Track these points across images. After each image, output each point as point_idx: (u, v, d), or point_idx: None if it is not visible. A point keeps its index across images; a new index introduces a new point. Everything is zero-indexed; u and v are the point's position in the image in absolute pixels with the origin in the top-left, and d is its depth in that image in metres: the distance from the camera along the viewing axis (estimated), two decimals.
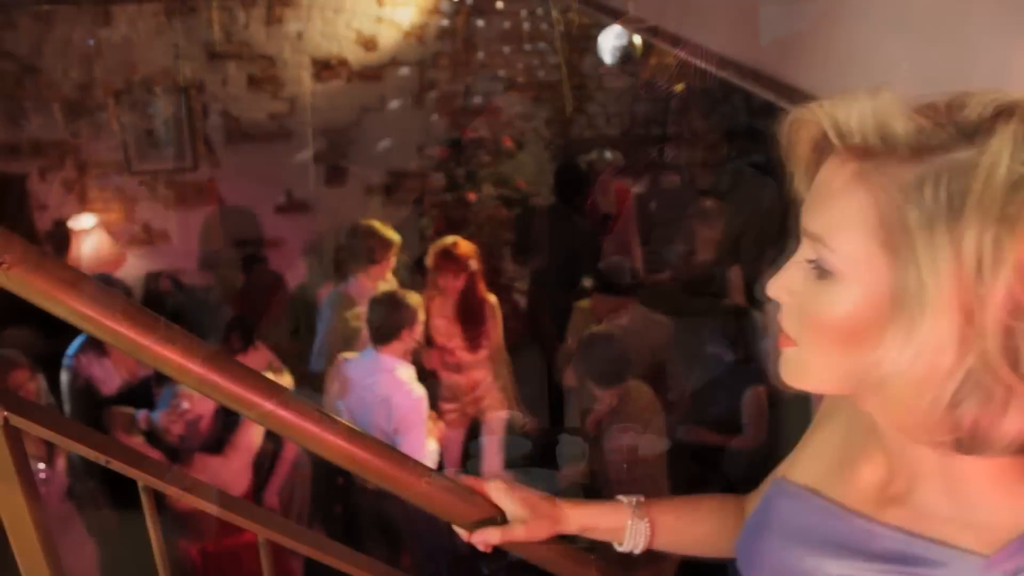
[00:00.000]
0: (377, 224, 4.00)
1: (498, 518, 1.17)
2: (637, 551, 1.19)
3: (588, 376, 3.25)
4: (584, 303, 4.11)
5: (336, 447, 1.11)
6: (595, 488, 3.35)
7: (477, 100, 6.14)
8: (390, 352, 3.31)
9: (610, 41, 5.42)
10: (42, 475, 2.83)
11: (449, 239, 3.99)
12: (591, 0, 3.86)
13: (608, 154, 5.64)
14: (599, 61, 5.69)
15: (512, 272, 5.96)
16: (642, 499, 1.19)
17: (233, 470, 3.15)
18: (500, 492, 1.18)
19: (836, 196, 0.74)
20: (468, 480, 1.19)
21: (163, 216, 5.77)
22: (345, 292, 4.03)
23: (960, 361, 0.67)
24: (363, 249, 3.96)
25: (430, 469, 1.19)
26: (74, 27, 5.07)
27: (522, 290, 5.66)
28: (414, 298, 3.38)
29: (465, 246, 3.90)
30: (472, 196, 5.92)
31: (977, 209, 0.64)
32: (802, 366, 0.81)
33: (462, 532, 1.20)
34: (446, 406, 3.99)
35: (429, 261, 3.97)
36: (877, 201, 0.70)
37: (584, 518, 1.19)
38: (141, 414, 3.15)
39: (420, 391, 3.28)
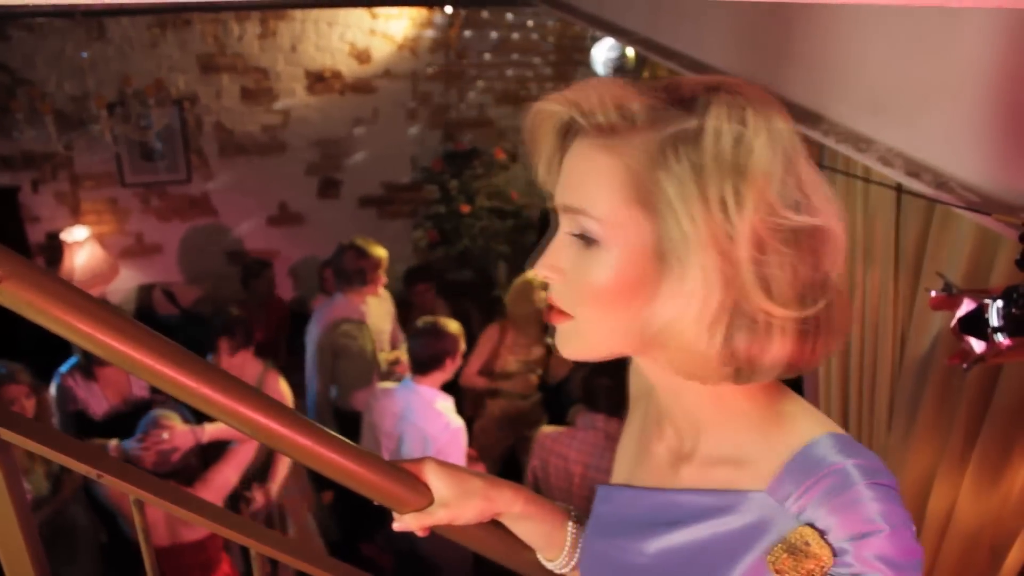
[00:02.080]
0: (364, 242, 3.99)
1: (433, 502, 1.11)
2: (568, 567, 1.15)
3: (581, 396, 3.20)
4: (532, 273, 4.08)
5: (328, 460, 1.10)
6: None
7: (470, 112, 6.16)
8: (429, 383, 3.28)
9: (603, 53, 5.46)
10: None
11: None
12: (583, 12, 3.86)
13: None
14: (592, 73, 5.72)
15: (506, 285, 5.96)
16: (578, 510, 1.17)
17: None
18: (431, 472, 1.12)
19: (590, 169, 0.81)
20: (406, 464, 1.13)
21: (156, 228, 5.76)
22: (333, 308, 4.01)
23: (726, 298, 0.76)
24: (354, 271, 3.95)
25: (368, 452, 1.13)
26: (67, 39, 5.06)
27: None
28: (454, 326, 3.35)
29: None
30: (465, 208, 5.92)
31: (714, 164, 0.75)
32: (583, 337, 0.86)
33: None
34: None
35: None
36: (628, 167, 0.79)
37: (526, 503, 1.13)
38: (112, 443, 3.11)
39: (458, 423, 3.23)
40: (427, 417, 3.23)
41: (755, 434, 0.87)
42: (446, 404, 3.28)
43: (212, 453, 3.23)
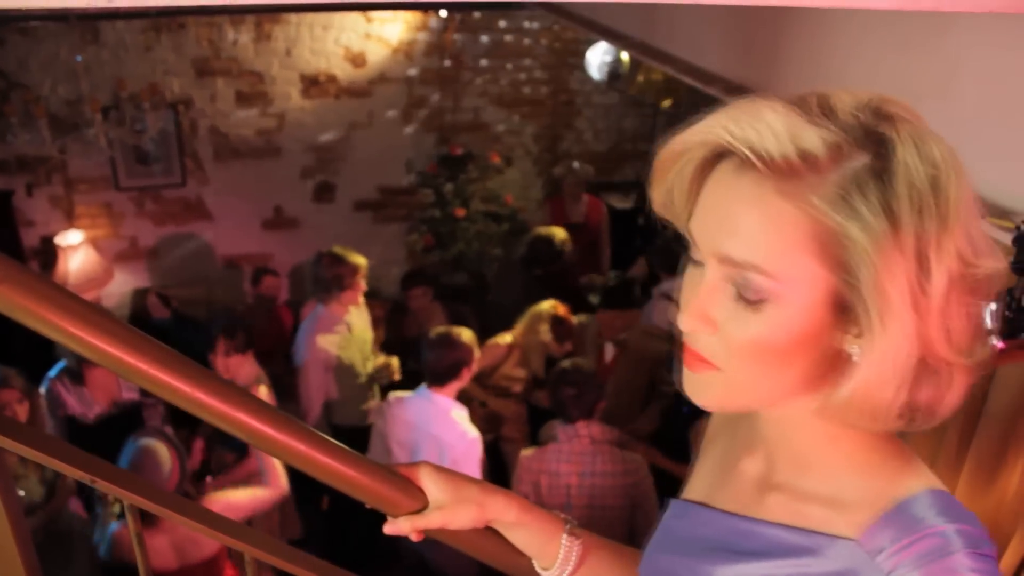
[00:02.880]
0: (341, 250, 3.96)
1: (427, 506, 1.11)
2: None
3: (561, 409, 3.19)
4: (546, 305, 4.08)
5: (322, 464, 1.10)
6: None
7: (465, 116, 6.16)
8: (446, 393, 3.27)
9: (598, 57, 5.47)
10: None
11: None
12: (578, 16, 3.87)
13: (576, 165, 5.68)
14: (587, 76, 5.74)
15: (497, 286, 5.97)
16: (575, 522, 1.15)
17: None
18: (424, 476, 1.11)
19: (763, 219, 0.72)
20: (401, 468, 1.12)
21: (151, 232, 5.76)
22: (317, 322, 3.99)
23: (916, 351, 0.71)
24: (331, 278, 3.92)
25: (360, 456, 1.13)
26: (61, 43, 5.06)
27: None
28: (467, 335, 3.35)
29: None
30: (460, 212, 5.92)
31: (910, 211, 0.68)
32: (731, 390, 0.80)
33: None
34: None
35: None
36: (810, 215, 0.71)
37: (520, 511, 1.11)
38: None
39: (475, 432, 3.22)
40: (444, 426, 3.22)
41: (858, 478, 0.82)
42: (461, 414, 3.27)
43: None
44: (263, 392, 3.69)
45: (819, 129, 0.70)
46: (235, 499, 3.11)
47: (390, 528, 1.11)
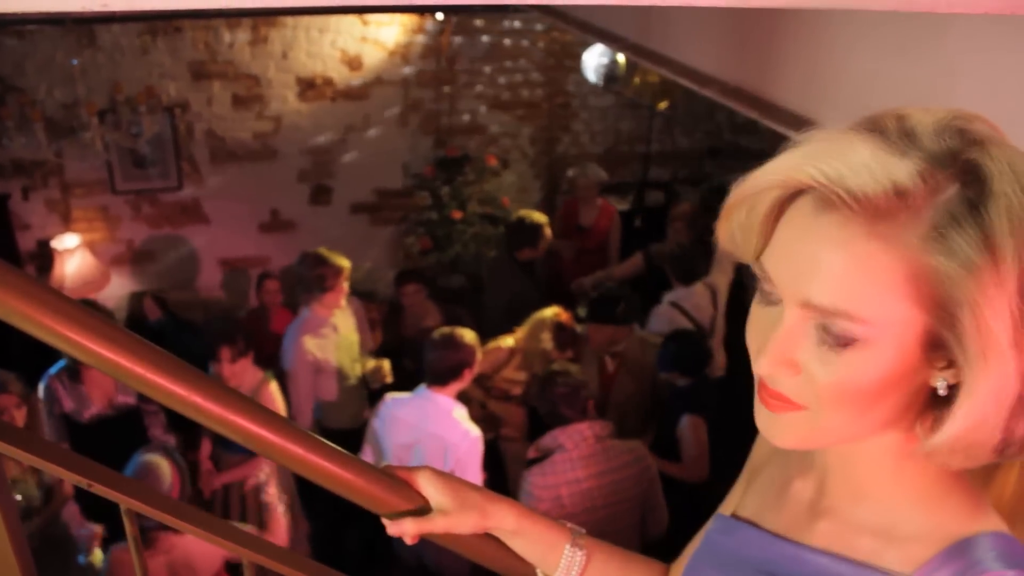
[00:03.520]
0: (325, 251, 3.95)
1: (426, 509, 1.11)
2: None
3: (552, 411, 3.19)
4: (549, 312, 4.08)
5: (319, 467, 1.10)
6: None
7: (462, 119, 6.16)
8: (447, 393, 3.27)
9: (594, 59, 5.47)
10: None
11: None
12: (574, 18, 3.88)
13: (591, 168, 5.67)
14: (583, 78, 5.74)
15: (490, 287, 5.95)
16: (583, 531, 1.14)
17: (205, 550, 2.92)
18: (427, 481, 1.11)
19: (855, 265, 0.67)
20: (397, 470, 1.12)
21: (148, 235, 5.75)
22: (303, 325, 3.97)
23: (1018, 388, 0.67)
24: (313, 278, 3.91)
25: (356, 458, 1.13)
26: (58, 46, 5.06)
27: None
28: (469, 336, 3.34)
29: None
30: (457, 214, 5.93)
31: (1012, 244, 0.64)
32: (817, 429, 0.76)
33: (387, 523, 1.14)
34: None
35: None
36: (903, 258, 0.66)
37: (520, 518, 1.11)
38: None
39: (476, 432, 3.22)
40: (446, 426, 3.22)
41: (916, 512, 0.78)
42: (462, 413, 3.27)
43: None
44: (274, 388, 3.72)
45: (908, 161, 0.66)
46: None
47: (395, 530, 1.11)
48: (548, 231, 4.72)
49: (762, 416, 0.79)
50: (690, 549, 1.09)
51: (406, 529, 1.10)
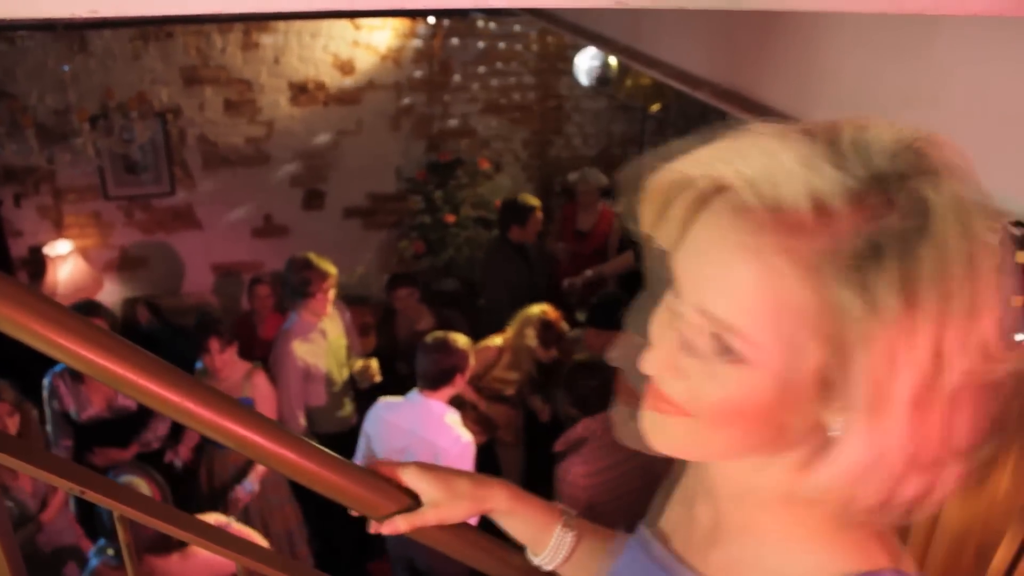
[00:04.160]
0: (312, 256, 3.94)
1: (416, 505, 1.12)
2: (551, 566, 1.13)
3: (569, 402, 3.21)
4: (536, 309, 4.08)
5: (309, 470, 1.10)
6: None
7: (454, 122, 6.16)
8: (439, 397, 3.27)
9: (586, 62, 5.48)
10: None
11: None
12: (566, 21, 3.88)
13: (591, 173, 5.66)
14: (575, 81, 5.74)
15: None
16: (574, 513, 1.15)
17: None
18: (414, 476, 1.11)
19: (758, 283, 0.61)
20: (382, 468, 1.12)
21: (140, 241, 5.74)
22: (291, 331, 3.96)
23: (908, 449, 0.61)
24: (299, 282, 3.90)
25: (348, 462, 1.13)
26: (49, 52, 5.04)
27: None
28: (462, 341, 3.34)
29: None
30: (450, 218, 5.93)
31: (935, 297, 0.57)
32: (696, 441, 0.72)
33: (374, 525, 1.14)
34: None
35: None
36: (810, 284, 0.59)
37: (512, 500, 1.11)
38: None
39: (468, 437, 3.23)
40: (438, 431, 3.22)
41: (805, 551, 0.73)
42: (454, 418, 3.27)
43: None
44: (264, 376, 3.78)
45: (843, 177, 0.59)
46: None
47: (387, 528, 1.11)
48: (540, 215, 4.78)
49: (645, 415, 0.74)
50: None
51: (399, 526, 1.11)
